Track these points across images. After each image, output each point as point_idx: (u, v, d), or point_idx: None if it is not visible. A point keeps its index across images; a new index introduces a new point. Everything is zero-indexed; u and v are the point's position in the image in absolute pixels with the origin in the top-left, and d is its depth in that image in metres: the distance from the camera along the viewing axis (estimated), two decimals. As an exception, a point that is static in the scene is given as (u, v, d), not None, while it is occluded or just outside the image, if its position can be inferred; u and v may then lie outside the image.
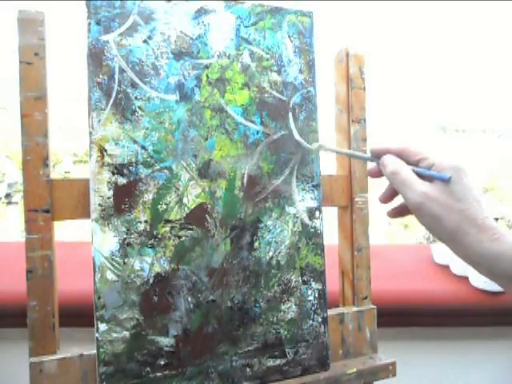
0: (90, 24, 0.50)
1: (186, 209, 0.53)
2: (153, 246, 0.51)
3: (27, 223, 0.49)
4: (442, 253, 1.04)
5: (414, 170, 0.43)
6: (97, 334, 0.48)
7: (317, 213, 0.60)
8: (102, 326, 0.49)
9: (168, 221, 0.52)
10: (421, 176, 0.43)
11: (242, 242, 0.55)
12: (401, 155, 0.45)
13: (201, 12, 0.55)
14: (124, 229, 0.50)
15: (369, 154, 0.50)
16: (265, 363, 0.56)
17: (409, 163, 0.44)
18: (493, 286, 0.88)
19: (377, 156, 0.48)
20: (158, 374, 0.51)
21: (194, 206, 0.53)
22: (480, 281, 0.89)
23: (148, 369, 0.50)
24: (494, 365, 0.96)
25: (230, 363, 0.54)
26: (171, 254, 0.52)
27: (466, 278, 0.94)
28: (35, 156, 0.50)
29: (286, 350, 0.57)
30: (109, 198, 0.50)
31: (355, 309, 0.66)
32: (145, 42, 0.52)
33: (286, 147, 0.58)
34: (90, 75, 0.50)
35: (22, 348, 0.54)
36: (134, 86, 0.51)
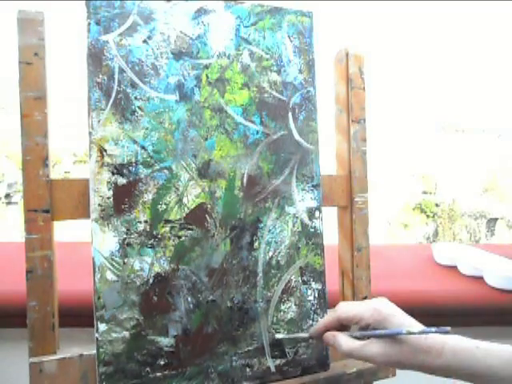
0: (89, 24, 0.50)
1: (185, 209, 0.53)
2: (153, 246, 0.51)
3: (27, 223, 0.49)
4: (447, 253, 1.04)
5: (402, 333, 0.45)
6: (97, 334, 0.48)
7: (317, 213, 0.60)
8: (102, 326, 0.49)
9: (168, 221, 0.52)
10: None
11: (242, 241, 0.55)
12: (339, 324, 0.50)
13: (200, 12, 0.55)
14: (124, 229, 0.50)
15: (307, 334, 0.55)
16: (265, 363, 0.56)
17: (348, 327, 0.50)
18: (509, 285, 0.88)
19: (319, 334, 0.51)
20: (158, 374, 0.51)
21: (194, 206, 0.53)
22: (497, 280, 0.89)
23: (148, 369, 0.50)
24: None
25: (230, 363, 0.54)
26: (171, 254, 0.52)
27: (477, 278, 0.94)
28: (35, 156, 0.50)
29: (286, 350, 0.57)
30: (108, 198, 0.50)
31: (355, 309, 0.66)
32: (144, 42, 0.52)
33: (285, 147, 0.58)
34: (90, 75, 0.50)
35: (22, 348, 0.54)
36: (133, 86, 0.51)
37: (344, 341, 0.47)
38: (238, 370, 0.54)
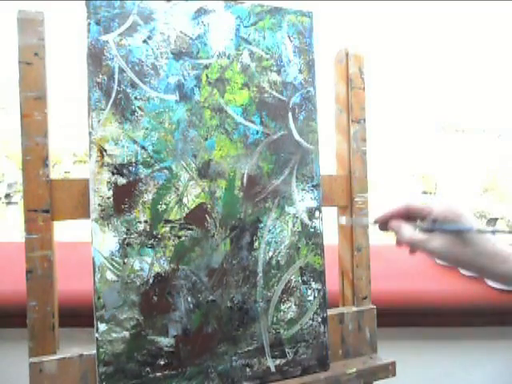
0: (89, 24, 0.50)
1: (185, 209, 0.53)
2: (153, 246, 0.51)
3: (27, 223, 0.49)
4: None
5: (441, 228, 0.45)
6: (97, 334, 0.48)
7: (316, 213, 0.60)
8: (102, 326, 0.49)
9: (168, 221, 0.52)
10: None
11: (242, 241, 0.55)
12: (407, 214, 0.49)
13: (200, 12, 0.55)
14: (124, 229, 0.50)
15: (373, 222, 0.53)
16: (265, 363, 0.56)
17: (415, 218, 0.49)
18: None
19: (384, 220, 0.51)
20: (158, 374, 0.51)
21: (194, 206, 0.53)
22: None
23: (148, 369, 0.50)
24: (494, 365, 0.96)
25: (230, 363, 0.54)
26: (171, 254, 0.52)
27: (476, 278, 0.94)
28: (35, 156, 0.50)
29: (286, 350, 0.57)
30: (108, 198, 0.50)
31: (355, 309, 0.66)
32: (144, 42, 0.52)
33: (285, 147, 0.58)
34: (90, 75, 0.50)
35: (22, 348, 0.54)
36: (133, 86, 0.51)
37: (408, 230, 0.47)
38: (237, 370, 0.54)
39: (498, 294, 0.89)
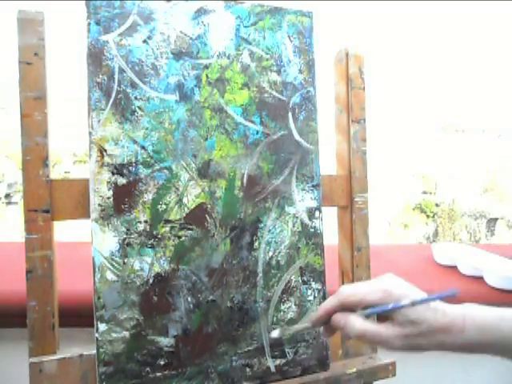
0: (89, 24, 0.50)
1: (185, 209, 0.53)
2: (153, 246, 0.51)
3: (27, 223, 0.49)
4: (447, 253, 1.03)
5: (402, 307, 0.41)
6: (97, 334, 0.48)
7: (316, 213, 0.60)
8: (102, 326, 0.49)
9: (168, 221, 0.52)
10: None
11: (242, 242, 0.55)
12: (343, 305, 0.44)
13: (200, 12, 0.55)
14: (124, 229, 0.50)
15: (309, 324, 0.47)
16: (265, 363, 0.56)
17: (355, 306, 0.44)
18: (509, 285, 0.88)
19: (321, 322, 0.46)
20: (158, 374, 0.51)
21: (194, 206, 0.53)
22: (497, 280, 0.89)
23: (148, 369, 0.50)
24: (494, 365, 0.96)
25: (230, 363, 0.54)
26: (171, 254, 0.52)
27: (477, 278, 0.94)
28: (35, 156, 0.50)
29: (286, 350, 0.57)
30: (108, 198, 0.50)
31: (355, 309, 0.66)
32: (144, 42, 0.52)
33: (285, 147, 0.58)
34: (90, 75, 0.50)
35: (22, 348, 0.54)
36: (133, 86, 0.51)
37: (359, 322, 0.42)
38: (238, 370, 0.54)
39: (498, 294, 0.90)
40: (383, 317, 0.43)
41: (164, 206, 0.52)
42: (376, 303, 0.42)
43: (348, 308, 0.43)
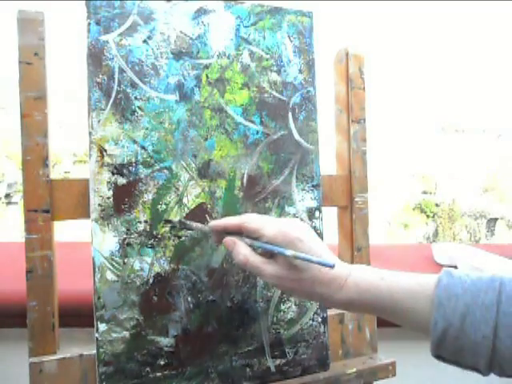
0: (89, 24, 0.50)
1: (185, 209, 0.53)
2: (153, 246, 0.51)
3: (27, 223, 0.49)
4: (447, 253, 1.04)
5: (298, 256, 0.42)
6: (97, 334, 0.48)
7: (316, 213, 0.60)
8: (102, 326, 0.49)
9: (168, 221, 0.52)
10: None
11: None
12: (239, 230, 0.46)
13: (200, 12, 0.55)
14: (124, 229, 0.50)
15: (207, 227, 0.50)
16: (265, 363, 0.56)
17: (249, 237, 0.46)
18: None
19: (217, 231, 0.48)
20: (158, 374, 0.51)
21: (194, 206, 0.53)
22: None
23: (148, 369, 0.50)
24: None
25: (230, 363, 0.54)
26: (171, 254, 0.52)
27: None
28: (35, 156, 0.50)
29: (286, 350, 0.57)
30: (108, 198, 0.50)
31: (355, 309, 0.66)
32: (144, 42, 0.52)
33: (285, 147, 0.58)
34: (90, 75, 0.50)
35: (22, 348, 0.54)
36: (133, 86, 0.51)
37: (245, 251, 0.44)
38: (237, 370, 0.54)
39: None
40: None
41: (164, 206, 0.52)
42: (269, 238, 0.43)
43: (245, 233, 0.45)
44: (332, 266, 0.41)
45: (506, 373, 0.38)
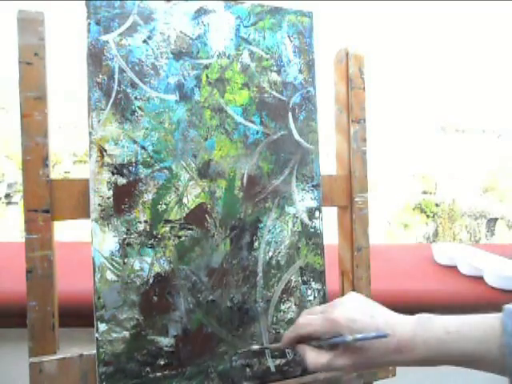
0: (89, 24, 0.50)
1: (185, 209, 0.53)
2: (153, 246, 0.51)
3: (27, 223, 0.49)
4: (447, 253, 1.03)
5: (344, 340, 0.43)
6: (97, 334, 0.48)
7: (317, 213, 0.60)
8: (102, 326, 0.49)
9: (168, 221, 0.52)
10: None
11: (242, 241, 0.55)
12: (301, 336, 0.47)
13: (200, 12, 0.55)
14: (124, 229, 0.50)
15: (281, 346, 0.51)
16: (265, 363, 0.56)
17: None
18: (509, 285, 0.88)
19: (289, 346, 0.49)
20: (158, 374, 0.51)
21: (194, 206, 0.53)
22: (497, 280, 0.89)
23: (148, 369, 0.50)
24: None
25: (230, 363, 0.54)
26: (171, 254, 0.52)
27: (477, 278, 0.94)
28: (35, 156, 0.50)
29: (286, 350, 0.57)
30: (108, 198, 0.50)
31: (355, 309, 0.66)
32: (144, 42, 0.52)
33: (285, 147, 0.58)
34: (90, 75, 0.50)
35: (22, 348, 0.54)
36: (133, 86, 0.51)
37: (311, 357, 0.45)
38: (237, 370, 0.54)
39: (498, 294, 0.89)
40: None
41: (164, 206, 0.52)
42: (325, 333, 0.44)
43: (305, 338, 0.47)
44: (385, 336, 0.42)
45: None
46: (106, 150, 0.50)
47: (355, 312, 0.44)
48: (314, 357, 0.45)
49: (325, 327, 0.44)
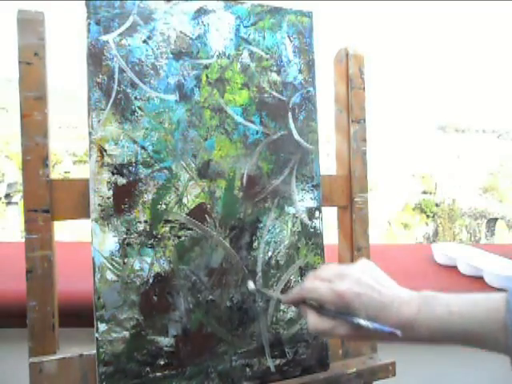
0: (89, 24, 0.50)
1: (185, 209, 0.53)
2: (152, 246, 0.51)
3: (27, 223, 0.49)
4: (447, 253, 1.03)
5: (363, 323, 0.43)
6: (97, 334, 0.48)
7: (316, 213, 0.60)
8: (102, 326, 0.49)
9: (168, 221, 0.52)
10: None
11: (241, 241, 0.55)
12: (306, 298, 0.47)
13: (200, 12, 0.55)
14: (124, 229, 0.50)
15: (281, 297, 0.51)
16: (264, 363, 0.56)
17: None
18: (509, 285, 0.88)
19: (290, 303, 0.50)
20: (158, 374, 0.51)
21: (194, 205, 0.53)
22: (497, 280, 0.89)
23: (148, 369, 0.50)
24: (494, 365, 0.96)
25: (230, 363, 0.54)
26: (171, 254, 0.52)
27: (477, 278, 0.94)
28: (35, 156, 0.50)
29: (286, 350, 0.57)
30: (108, 198, 0.50)
31: (355, 309, 0.66)
32: (144, 42, 0.52)
33: (285, 147, 0.58)
34: (90, 75, 0.50)
35: (22, 348, 0.54)
36: (133, 86, 0.51)
37: (312, 320, 0.45)
38: (237, 370, 0.54)
39: (498, 294, 0.89)
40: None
41: (164, 206, 0.52)
42: (331, 304, 0.44)
43: (309, 302, 0.46)
44: (397, 335, 0.41)
45: None
46: (105, 150, 0.50)
47: (362, 287, 0.44)
48: (316, 321, 0.45)
49: (331, 298, 0.44)
